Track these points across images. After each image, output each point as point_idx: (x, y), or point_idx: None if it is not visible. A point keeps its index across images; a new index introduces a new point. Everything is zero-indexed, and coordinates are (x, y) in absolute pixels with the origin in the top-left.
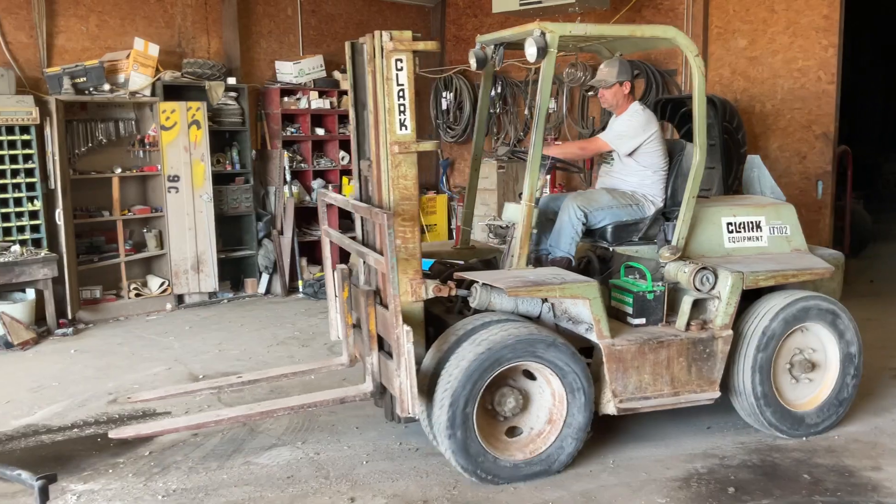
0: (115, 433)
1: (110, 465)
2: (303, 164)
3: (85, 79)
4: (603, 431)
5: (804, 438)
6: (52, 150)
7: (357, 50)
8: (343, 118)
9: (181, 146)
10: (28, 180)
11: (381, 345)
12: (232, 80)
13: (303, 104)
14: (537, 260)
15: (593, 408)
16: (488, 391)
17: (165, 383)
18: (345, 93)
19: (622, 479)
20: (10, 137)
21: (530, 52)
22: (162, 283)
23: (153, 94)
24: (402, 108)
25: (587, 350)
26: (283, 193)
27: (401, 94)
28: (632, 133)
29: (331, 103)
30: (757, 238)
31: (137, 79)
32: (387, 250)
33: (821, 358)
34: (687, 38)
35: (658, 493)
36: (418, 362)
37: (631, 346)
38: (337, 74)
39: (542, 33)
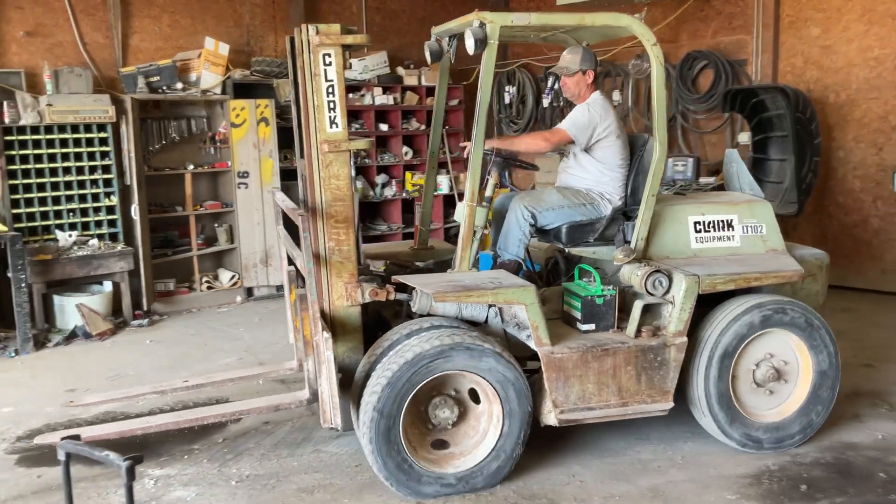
0: (39, 439)
1: (186, 451)
2: (367, 160)
3: (158, 78)
4: (669, 427)
5: (777, 450)
6: (128, 148)
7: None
8: (407, 114)
9: (250, 143)
10: (105, 177)
11: None
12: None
13: (367, 100)
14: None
15: (530, 419)
16: (425, 399)
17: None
18: (409, 89)
19: (691, 474)
20: (88, 135)
21: (468, 43)
22: (232, 277)
23: (223, 92)
24: (331, 105)
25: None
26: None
27: (330, 90)
28: (587, 122)
29: (394, 99)
30: (728, 238)
31: (208, 77)
32: (302, 253)
33: (790, 368)
34: (643, 25)
35: (728, 489)
36: (354, 369)
37: (572, 354)
38: (401, 70)
39: (482, 24)
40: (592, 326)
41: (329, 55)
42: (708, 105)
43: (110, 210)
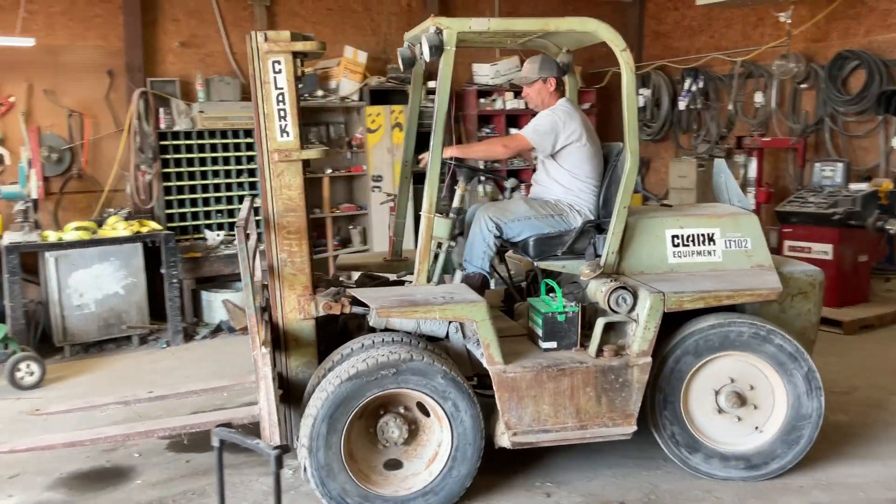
0: None
1: None
2: (496, 164)
3: (301, 85)
4: (814, 447)
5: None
6: None
7: None
8: None
9: (385, 148)
10: (250, 179)
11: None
12: (432, 84)
13: (498, 105)
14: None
15: (481, 441)
16: (373, 417)
17: None
18: None
19: (836, 497)
20: (236, 140)
21: (424, 50)
22: None
23: (360, 98)
24: (282, 114)
25: None
26: (476, 192)
27: (280, 98)
28: (549, 128)
29: (525, 104)
30: (709, 252)
31: (347, 84)
32: (242, 265)
33: (759, 394)
34: (611, 30)
35: None
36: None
37: (526, 374)
38: None
39: (438, 30)
40: (554, 344)
41: (279, 62)
42: (859, 107)
43: (255, 211)
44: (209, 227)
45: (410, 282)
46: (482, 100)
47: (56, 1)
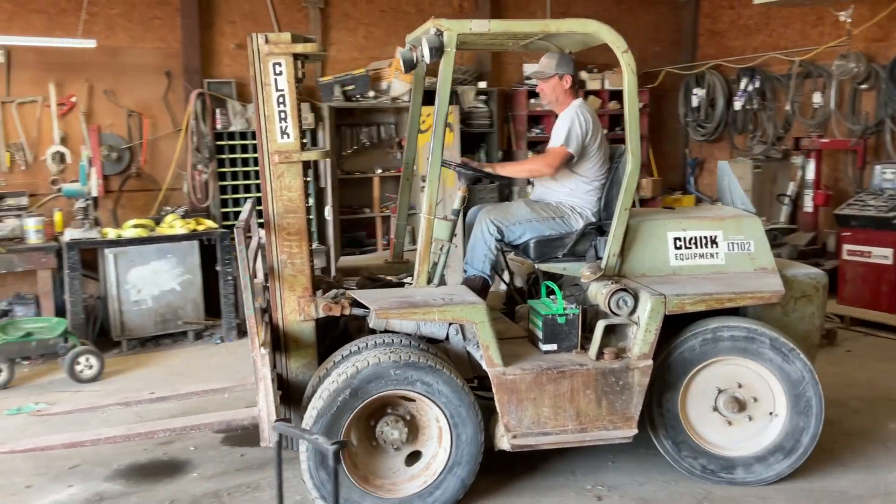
0: None
1: None
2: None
3: (353, 87)
4: (868, 453)
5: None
6: None
7: None
8: None
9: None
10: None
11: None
12: (482, 84)
13: (547, 106)
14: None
15: (481, 443)
16: (368, 419)
17: None
18: (592, 93)
19: None
20: None
21: (424, 52)
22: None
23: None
24: (282, 115)
25: None
26: (525, 193)
27: (281, 99)
28: (581, 134)
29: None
30: (712, 255)
31: (398, 85)
32: (241, 266)
33: (757, 399)
34: (613, 32)
35: None
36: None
37: (526, 376)
38: (583, 75)
39: (438, 32)
40: (554, 346)
41: (279, 64)
42: None
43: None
44: (261, 225)
45: (411, 283)
46: (532, 100)
47: (116, 3)
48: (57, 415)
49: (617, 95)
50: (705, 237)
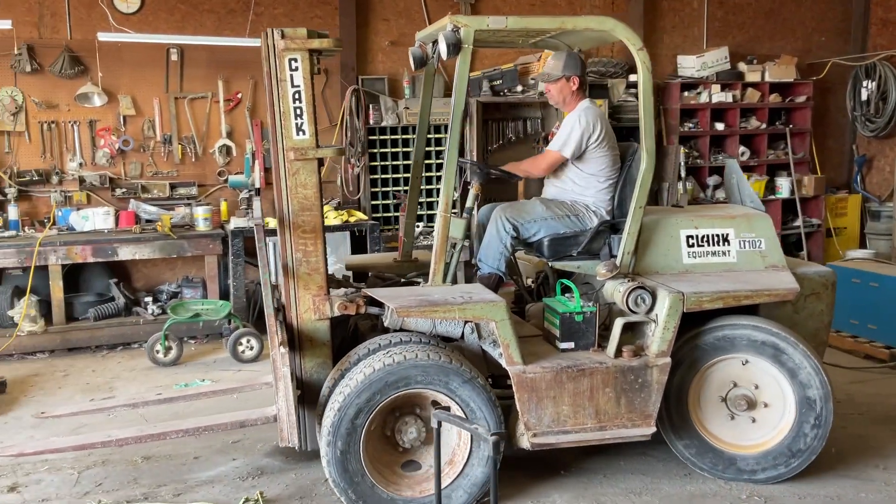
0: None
1: None
2: (699, 161)
3: (501, 81)
4: None
5: (733, 483)
6: (470, 147)
7: None
8: (746, 112)
9: None
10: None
11: None
12: (633, 77)
13: (703, 98)
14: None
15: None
16: (391, 416)
17: None
18: (750, 85)
19: None
20: (437, 136)
21: (441, 48)
22: None
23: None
24: (298, 112)
25: None
26: (676, 190)
27: (297, 96)
28: (579, 137)
29: (733, 97)
30: (724, 253)
31: None
32: (261, 264)
33: (766, 398)
34: (628, 29)
35: None
36: (322, 385)
37: (546, 374)
38: (742, 66)
39: (456, 28)
40: (572, 345)
41: (295, 60)
42: None
43: (454, 204)
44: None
45: (419, 282)
46: (686, 93)
47: (280, 3)
48: (62, 416)
49: (778, 88)
50: (717, 235)
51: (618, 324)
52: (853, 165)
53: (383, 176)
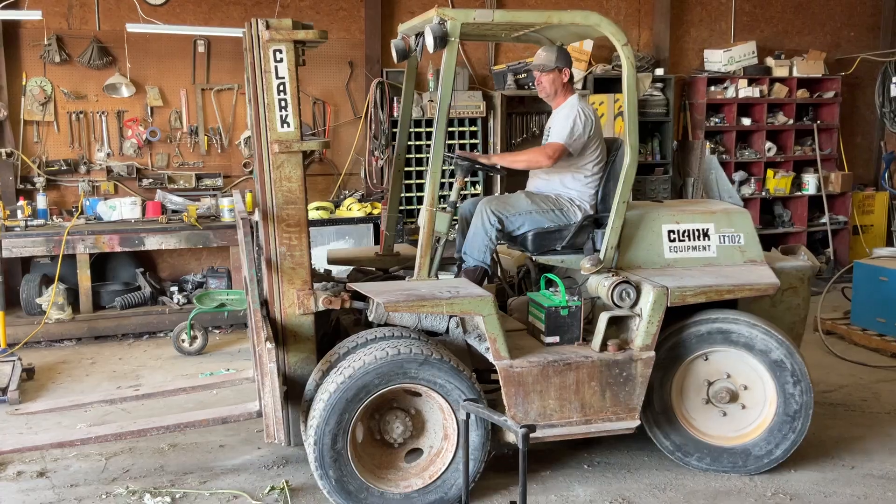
0: None
1: None
2: (725, 156)
3: (525, 75)
4: None
5: (757, 479)
6: (494, 140)
7: None
8: (773, 107)
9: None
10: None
11: None
12: (659, 71)
13: (730, 93)
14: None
15: (488, 435)
16: (374, 417)
17: None
18: (778, 80)
19: None
20: (461, 129)
21: (428, 41)
22: None
23: (584, 86)
24: (283, 104)
25: None
26: (700, 185)
27: (281, 87)
28: (582, 130)
29: (760, 91)
30: (704, 248)
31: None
32: (242, 258)
33: (748, 390)
34: (613, 24)
35: None
36: (306, 380)
37: (532, 369)
38: (769, 61)
39: (442, 21)
40: (557, 339)
41: (280, 51)
42: None
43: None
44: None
45: (403, 277)
46: (712, 87)
47: None
48: (37, 413)
49: (805, 83)
50: (697, 230)
51: (603, 318)
52: (881, 162)
53: (407, 168)
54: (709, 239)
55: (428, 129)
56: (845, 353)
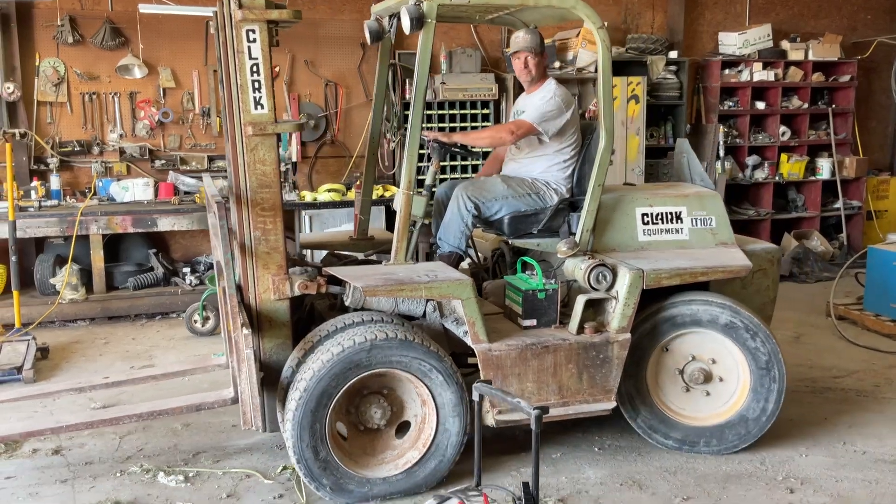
0: None
1: None
2: (738, 140)
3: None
4: None
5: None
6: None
7: None
8: (788, 91)
9: (619, 120)
10: (485, 149)
11: None
12: (673, 54)
13: (744, 76)
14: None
15: (468, 418)
16: (351, 411)
17: None
18: (793, 64)
19: None
20: (473, 111)
21: (404, 22)
22: None
23: (596, 70)
24: (256, 85)
25: None
26: (714, 169)
27: (255, 68)
28: (556, 113)
29: (775, 75)
30: (677, 231)
31: (584, 56)
32: (218, 242)
33: (722, 371)
34: (589, 7)
35: None
36: (282, 366)
37: (511, 352)
38: (785, 44)
39: (418, 2)
40: (534, 322)
41: (253, 31)
42: None
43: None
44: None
45: (380, 261)
46: (726, 71)
47: None
48: (3, 402)
49: (821, 67)
50: (670, 213)
51: (580, 301)
52: None
53: (421, 152)
54: (681, 222)
55: (440, 112)
56: (858, 338)
